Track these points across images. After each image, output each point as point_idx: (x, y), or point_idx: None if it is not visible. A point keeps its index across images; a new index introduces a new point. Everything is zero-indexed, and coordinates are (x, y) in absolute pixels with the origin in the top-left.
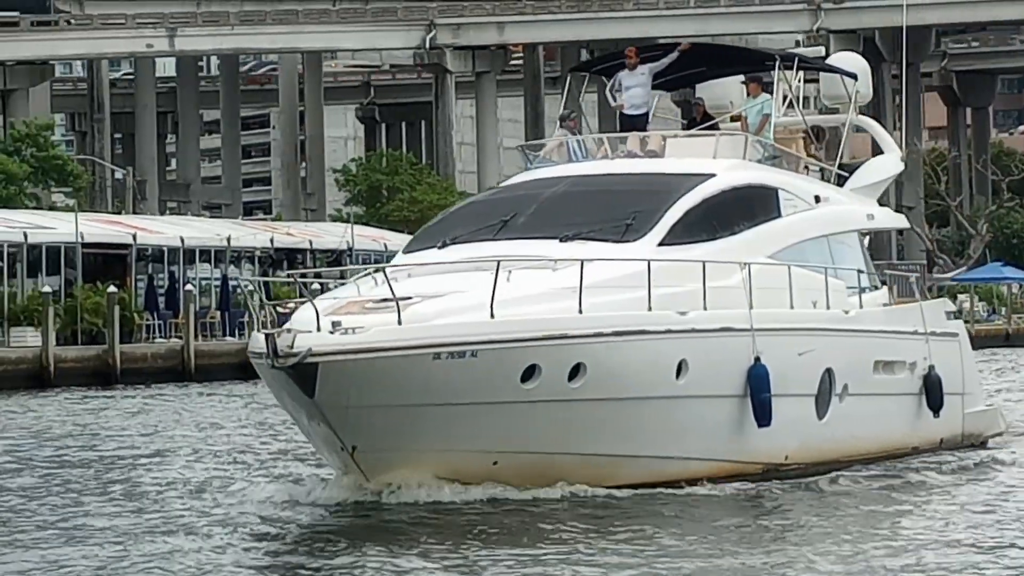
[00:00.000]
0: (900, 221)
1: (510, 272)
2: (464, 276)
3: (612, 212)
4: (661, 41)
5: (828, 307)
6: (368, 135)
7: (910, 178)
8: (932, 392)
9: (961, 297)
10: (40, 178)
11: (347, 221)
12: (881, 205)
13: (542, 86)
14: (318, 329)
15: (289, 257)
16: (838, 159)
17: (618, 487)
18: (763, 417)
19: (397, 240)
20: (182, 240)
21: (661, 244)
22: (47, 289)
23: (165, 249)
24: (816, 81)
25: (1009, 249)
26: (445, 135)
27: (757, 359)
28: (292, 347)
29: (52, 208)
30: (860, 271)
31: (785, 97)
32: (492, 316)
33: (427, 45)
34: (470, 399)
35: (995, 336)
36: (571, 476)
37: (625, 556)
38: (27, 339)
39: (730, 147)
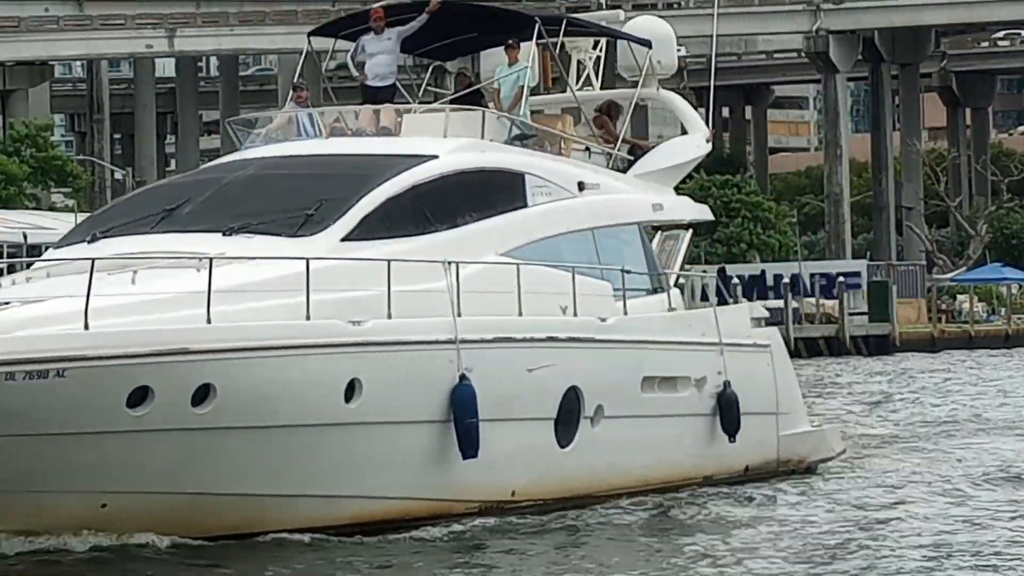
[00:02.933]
0: (702, 213)
1: (135, 272)
2: (94, 277)
3: (296, 201)
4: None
5: (576, 313)
6: None
7: (910, 178)
8: (727, 413)
9: (960, 298)
10: (40, 179)
11: None
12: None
13: (542, 86)
14: None
15: None
16: (619, 140)
17: (270, 533)
18: (469, 446)
19: None
20: None
21: (347, 239)
22: None
23: None
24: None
25: (1009, 250)
26: None
27: (463, 377)
28: None
29: (52, 209)
30: (626, 271)
31: (587, 63)
32: (87, 327)
33: None
34: (61, 428)
35: (995, 337)
36: (203, 521)
37: None
38: None
39: (464, 124)
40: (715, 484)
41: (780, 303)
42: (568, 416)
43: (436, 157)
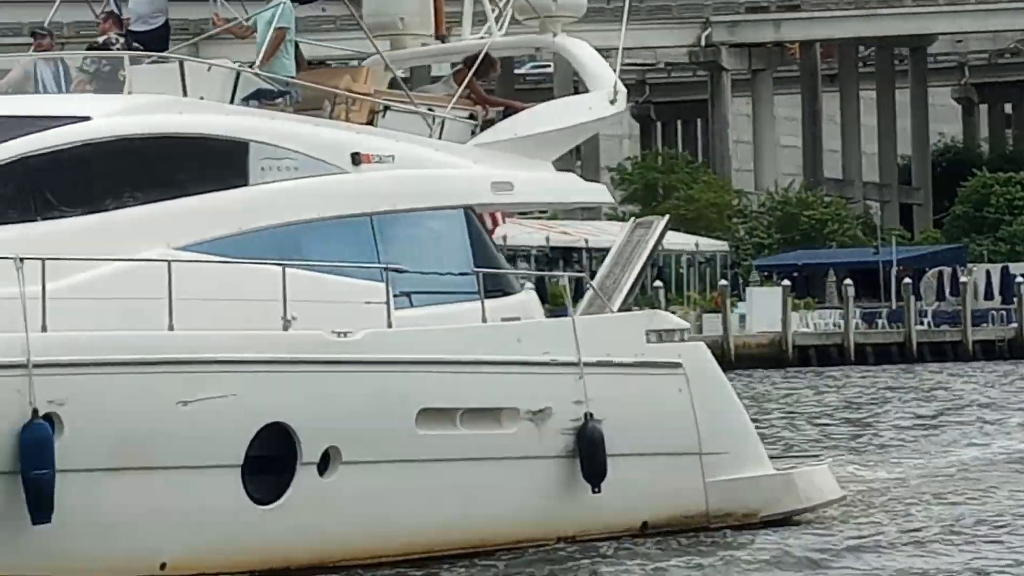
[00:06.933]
0: (593, 194)
1: None
2: None
3: None
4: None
5: (282, 325)
6: (643, 134)
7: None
8: (588, 455)
9: None
10: None
11: (623, 219)
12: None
13: (819, 84)
14: None
15: (565, 256)
16: (454, 100)
17: None
18: (39, 508)
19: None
20: None
21: None
22: None
23: None
24: None
25: None
26: (721, 133)
27: (36, 414)
28: None
29: None
30: (397, 270)
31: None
32: None
33: (702, 43)
34: None
35: None
36: None
37: None
38: None
39: (162, 79)
40: (578, 543)
41: None
42: (268, 463)
43: (88, 119)
